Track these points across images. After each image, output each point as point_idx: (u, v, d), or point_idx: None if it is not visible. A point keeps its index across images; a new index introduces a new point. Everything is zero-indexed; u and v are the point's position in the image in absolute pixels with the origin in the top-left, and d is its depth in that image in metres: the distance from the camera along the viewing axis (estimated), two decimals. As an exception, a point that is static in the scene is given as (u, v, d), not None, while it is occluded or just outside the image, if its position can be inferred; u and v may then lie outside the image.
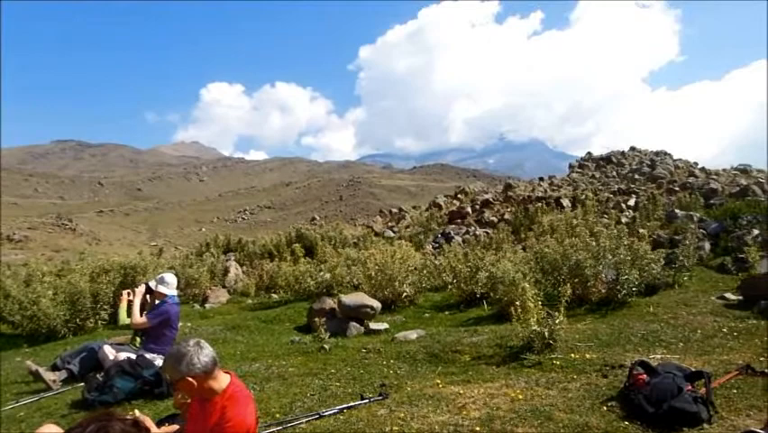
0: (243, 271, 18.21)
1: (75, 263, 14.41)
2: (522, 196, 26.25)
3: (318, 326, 8.27)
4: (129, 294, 7.18)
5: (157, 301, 7.05)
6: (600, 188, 27.41)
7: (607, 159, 38.21)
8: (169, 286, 7.05)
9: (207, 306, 14.02)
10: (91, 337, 10.29)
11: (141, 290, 7.06)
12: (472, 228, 21.85)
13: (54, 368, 7.39)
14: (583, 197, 22.65)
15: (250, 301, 14.55)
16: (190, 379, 2.97)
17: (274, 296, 14.75)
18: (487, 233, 20.06)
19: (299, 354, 7.91)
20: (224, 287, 16.30)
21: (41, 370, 7.09)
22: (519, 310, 6.76)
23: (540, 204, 22.67)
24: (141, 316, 6.93)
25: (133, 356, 6.70)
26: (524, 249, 14.88)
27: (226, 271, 17.66)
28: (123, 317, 7.18)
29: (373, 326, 9.54)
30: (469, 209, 25.59)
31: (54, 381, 6.99)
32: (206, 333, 10.19)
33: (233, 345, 9.14)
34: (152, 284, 7.10)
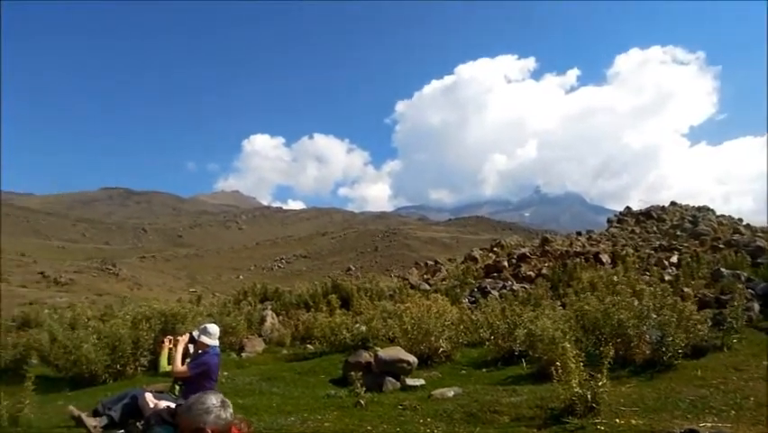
0: (279, 321, 18.29)
1: (118, 309, 14.79)
2: (559, 250, 25.85)
3: (354, 380, 8.21)
4: (170, 341, 7.30)
5: (199, 351, 7.15)
6: (641, 243, 26.85)
7: (647, 214, 37.52)
8: (211, 336, 7.14)
9: (244, 355, 14.10)
10: (131, 384, 10.44)
11: (184, 338, 7.17)
12: (509, 283, 21.54)
13: (95, 414, 7.49)
14: (623, 253, 22.18)
15: (285, 352, 14.56)
16: (209, 431, 3.01)
17: (309, 347, 14.73)
18: (524, 288, 19.75)
19: (335, 408, 7.85)
20: (260, 336, 16.37)
21: (84, 415, 7.20)
22: (560, 371, 6.61)
23: (578, 259, 22.25)
24: (183, 364, 7.02)
25: (173, 405, 6.76)
26: (563, 306, 14.56)
27: (263, 320, 17.77)
28: (163, 365, 7.27)
29: (409, 381, 9.41)
30: (505, 263, 25.28)
31: (95, 426, 7.08)
32: (243, 383, 10.23)
33: (268, 397, 9.13)
34: (195, 333, 7.21)
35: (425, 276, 28.26)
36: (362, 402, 7.79)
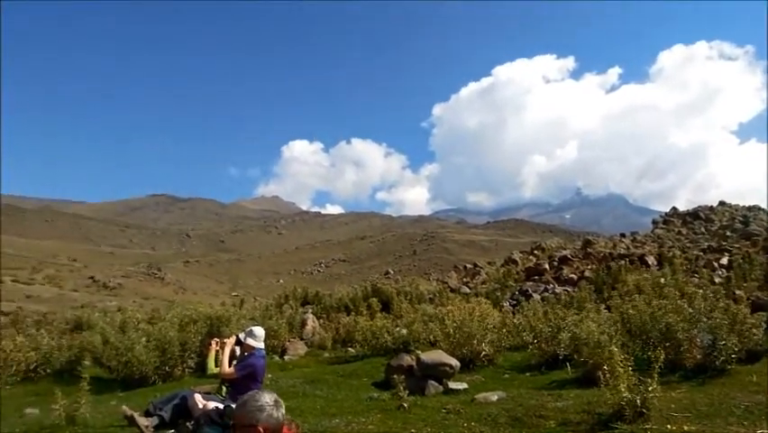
0: (320, 324, 18.47)
1: (165, 312, 15.21)
2: (603, 253, 25.30)
3: (397, 383, 8.22)
4: (217, 344, 7.47)
5: (245, 353, 7.29)
6: (689, 245, 26.03)
7: (694, 214, 36.37)
8: (257, 339, 7.28)
9: (286, 358, 14.30)
10: (179, 385, 10.72)
11: (231, 340, 7.34)
12: (551, 286, 21.21)
13: (147, 414, 7.73)
14: (670, 254, 21.55)
15: (327, 355, 14.71)
16: (261, 429, 3.06)
17: (351, 350, 14.83)
18: (567, 291, 19.41)
19: (378, 411, 7.88)
20: (301, 339, 16.58)
21: (136, 415, 7.43)
22: (608, 375, 6.46)
23: (623, 262, 21.73)
24: (230, 366, 7.18)
25: (221, 406, 6.92)
26: (608, 309, 14.24)
27: (304, 323, 17.98)
28: (211, 367, 7.45)
29: (452, 385, 9.36)
30: (546, 266, 24.90)
31: (147, 426, 7.30)
32: (286, 385, 10.37)
33: (312, 400, 9.24)
34: (242, 336, 7.37)
35: (464, 279, 28.10)
36: (405, 405, 7.80)
